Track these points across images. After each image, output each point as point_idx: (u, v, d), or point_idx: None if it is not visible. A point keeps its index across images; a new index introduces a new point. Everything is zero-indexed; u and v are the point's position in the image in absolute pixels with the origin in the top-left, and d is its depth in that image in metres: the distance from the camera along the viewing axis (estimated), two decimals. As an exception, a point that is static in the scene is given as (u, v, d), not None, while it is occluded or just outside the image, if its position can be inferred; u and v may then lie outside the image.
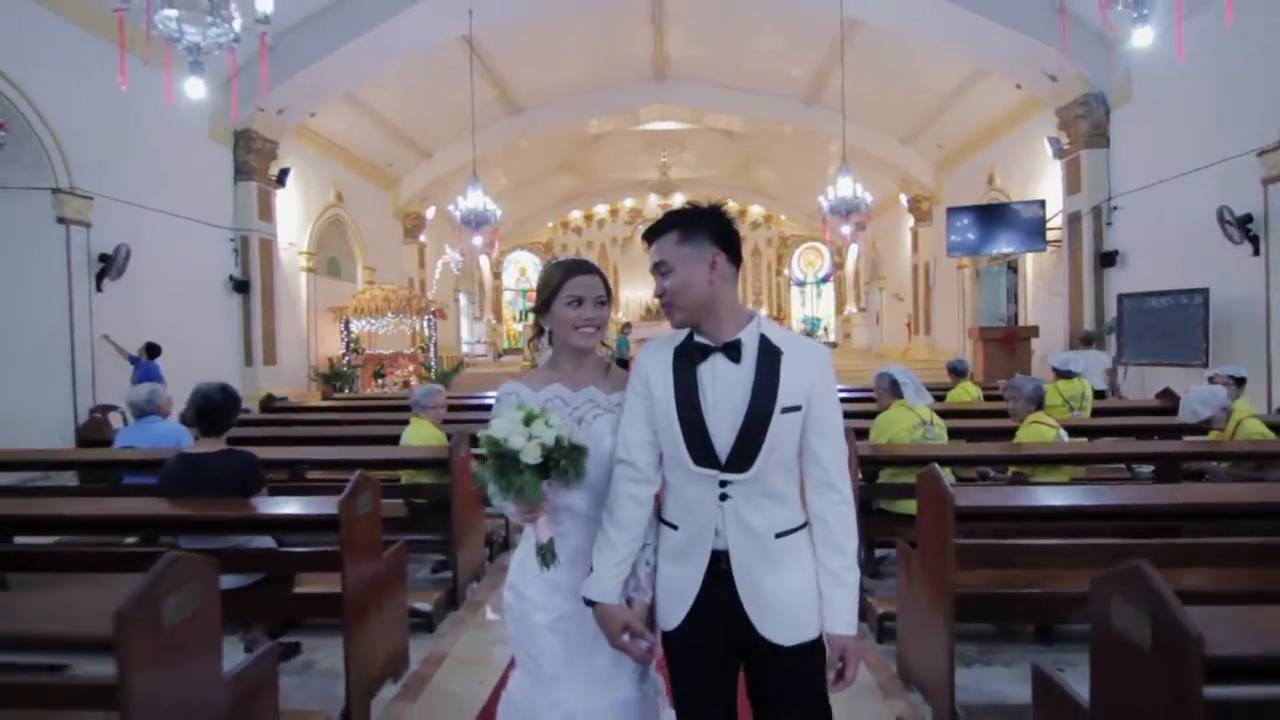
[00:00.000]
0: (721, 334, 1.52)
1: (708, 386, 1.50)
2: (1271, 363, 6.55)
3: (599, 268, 1.72)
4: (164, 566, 1.41)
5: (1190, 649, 1.23)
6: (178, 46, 4.28)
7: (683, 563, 1.53)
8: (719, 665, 1.56)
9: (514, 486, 1.46)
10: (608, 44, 12.46)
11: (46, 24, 6.73)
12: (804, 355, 1.52)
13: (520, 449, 1.44)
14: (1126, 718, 1.48)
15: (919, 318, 15.39)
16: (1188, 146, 7.54)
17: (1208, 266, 7.20)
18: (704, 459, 1.49)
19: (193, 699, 1.52)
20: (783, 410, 1.48)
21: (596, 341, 1.71)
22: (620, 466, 1.56)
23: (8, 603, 1.75)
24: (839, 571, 1.50)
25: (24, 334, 6.69)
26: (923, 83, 11.63)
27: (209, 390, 2.58)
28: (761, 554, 1.49)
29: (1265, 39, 6.52)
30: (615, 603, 1.53)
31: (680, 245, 1.52)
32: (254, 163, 9.64)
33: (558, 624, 1.62)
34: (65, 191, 6.87)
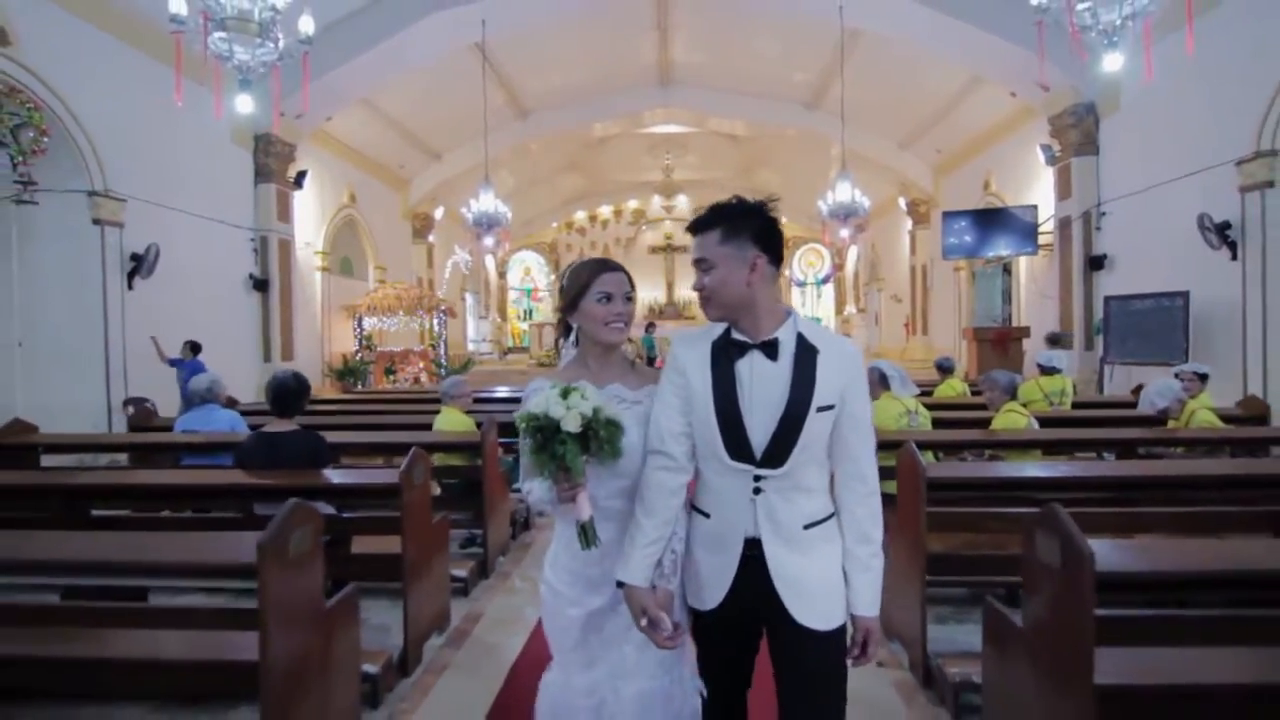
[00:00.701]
0: (759, 332, 1.55)
1: (745, 383, 1.53)
2: (1247, 362, 6.89)
3: (624, 266, 1.77)
4: (289, 511, 1.76)
5: (1085, 565, 1.58)
6: (228, 65, 4.62)
7: (717, 550, 1.58)
8: (745, 643, 1.64)
9: (556, 457, 1.51)
10: (614, 50, 12.79)
11: (83, 34, 7.08)
12: (839, 355, 1.55)
13: (561, 417, 1.49)
14: (1047, 630, 1.81)
15: (916, 318, 15.73)
16: (1171, 155, 7.88)
17: (1189, 270, 7.54)
18: (740, 454, 1.52)
19: (306, 616, 1.87)
20: (818, 409, 1.51)
21: (625, 337, 1.74)
22: (653, 456, 1.60)
23: (158, 543, 2.10)
24: (865, 558, 1.56)
25: (62, 329, 7.03)
26: (921, 89, 11.97)
27: (284, 378, 2.92)
28: (790, 544, 1.53)
29: (1243, 56, 6.85)
30: (643, 585, 1.57)
31: (722, 244, 1.55)
32: (273, 165, 9.99)
33: (591, 618, 1.68)
34: (100, 194, 7.22)
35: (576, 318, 1.73)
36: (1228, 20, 7.04)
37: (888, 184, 15.94)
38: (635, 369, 1.77)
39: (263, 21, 4.46)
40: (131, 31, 7.60)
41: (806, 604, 1.53)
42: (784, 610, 1.52)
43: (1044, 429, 3.66)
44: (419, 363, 12.89)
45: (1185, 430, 3.72)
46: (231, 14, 4.30)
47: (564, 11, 10.53)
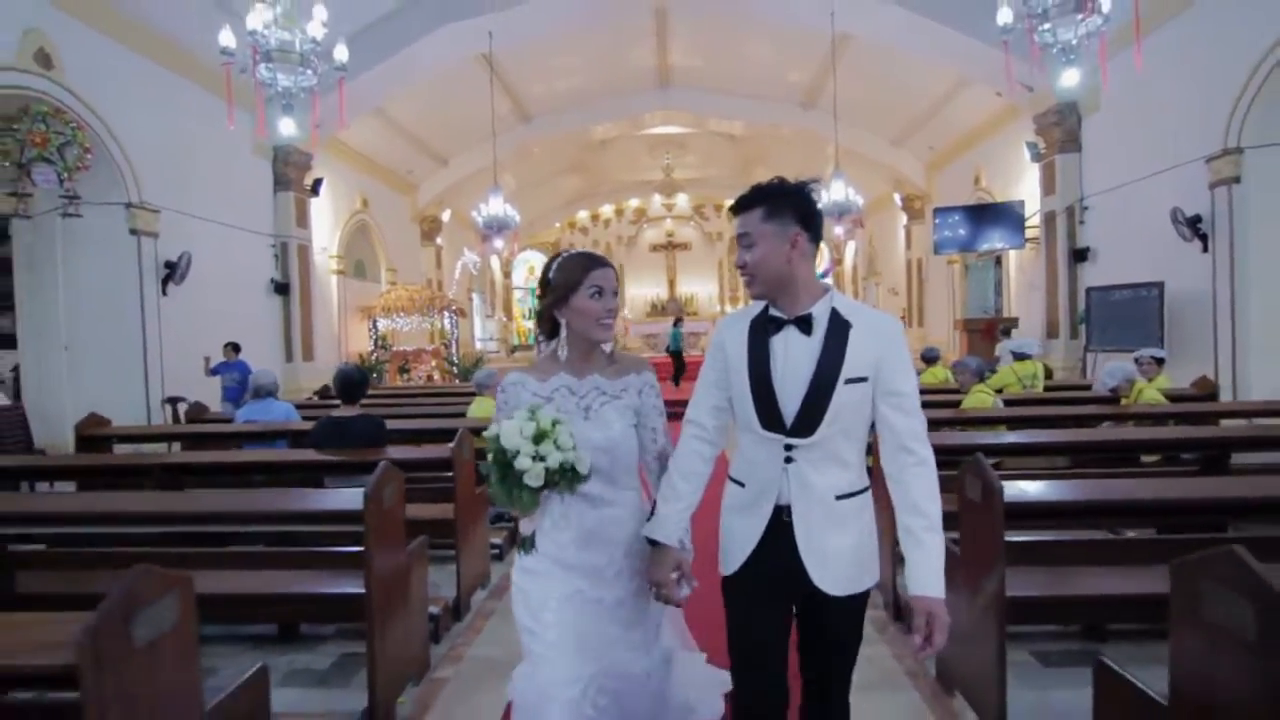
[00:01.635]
0: (796, 308, 1.61)
1: (779, 356, 1.59)
2: (1218, 348, 7.31)
3: (610, 261, 1.80)
4: (382, 471, 2.14)
5: (997, 498, 2.02)
6: (271, 91, 5.07)
7: (748, 515, 1.63)
8: (772, 608, 1.66)
9: (513, 498, 1.57)
10: (614, 55, 13.21)
11: (118, 57, 7.51)
12: (873, 328, 1.59)
13: (525, 470, 1.52)
14: (972, 554, 2.25)
15: (912, 310, 16.15)
16: (1148, 152, 8.30)
17: (1164, 262, 7.97)
18: (771, 424, 1.58)
19: (393, 556, 2.28)
20: (846, 381, 1.54)
21: (613, 333, 1.78)
22: (689, 425, 1.69)
23: (268, 498, 2.56)
24: (918, 531, 1.55)
25: (103, 333, 7.48)
26: (912, 89, 12.37)
27: (349, 370, 3.39)
28: (823, 513, 1.58)
29: (1212, 58, 7.24)
30: (674, 545, 1.64)
31: (765, 221, 1.60)
32: (291, 174, 10.43)
33: (571, 599, 1.70)
34: (136, 206, 7.67)
35: (566, 313, 1.72)
36: (1198, 24, 7.45)
37: (883, 180, 16.36)
38: (615, 360, 1.80)
39: (303, 53, 4.91)
40: (163, 52, 8.06)
41: (828, 570, 1.57)
42: (804, 575, 1.58)
43: (1006, 407, 4.10)
44: (431, 361, 13.35)
45: (1134, 406, 4.17)
46: (276, 46, 4.76)
47: (567, 22, 10.94)
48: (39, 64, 6.63)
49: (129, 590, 1.41)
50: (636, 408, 1.76)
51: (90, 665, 1.29)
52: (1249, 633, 1.29)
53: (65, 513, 2.45)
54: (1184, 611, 1.49)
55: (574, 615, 1.68)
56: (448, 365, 13.06)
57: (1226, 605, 1.35)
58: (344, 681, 2.71)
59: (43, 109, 6.54)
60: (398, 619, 2.36)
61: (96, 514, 2.40)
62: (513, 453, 1.52)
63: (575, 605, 1.69)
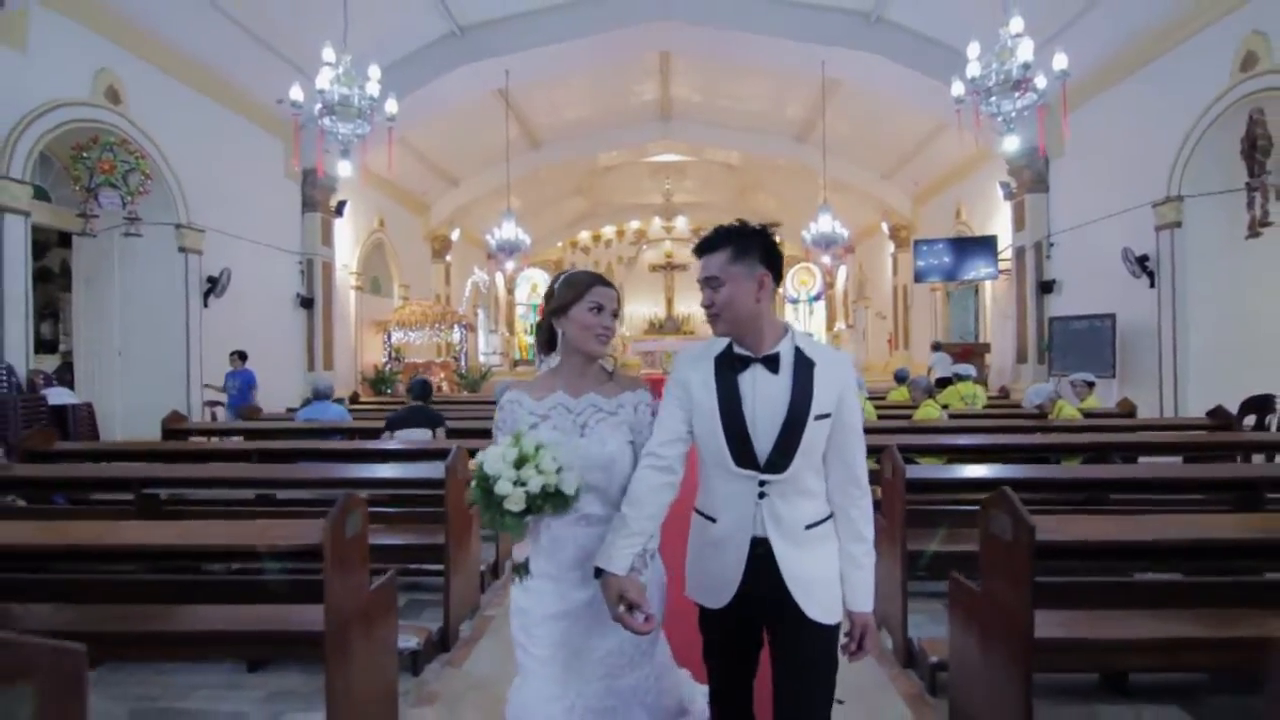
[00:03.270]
0: (762, 346, 1.64)
1: (748, 395, 1.62)
2: (1162, 374, 8.10)
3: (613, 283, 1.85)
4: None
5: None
6: (333, 139, 5.86)
7: (724, 551, 1.66)
8: (749, 637, 1.72)
9: (498, 523, 1.59)
10: (619, 89, 14.09)
11: (171, 90, 8.31)
12: (833, 367, 1.65)
13: (506, 495, 1.53)
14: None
15: (899, 334, 16.96)
16: (1105, 195, 9.13)
17: (1117, 295, 8.77)
18: (745, 461, 1.61)
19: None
20: (815, 417, 1.60)
21: (607, 350, 1.82)
22: (646, 456, 1.68)
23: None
24: (859, 556, 1.68)
25: (152, 341, 8.20)
26: (898, 128, 13.25)
27: (424, 379, 4.35)
28: (794, 543, 1.63)
29: (1159, 113, 8.08)
30: (621, 574, 1.60)
31: (732, 263, 1.64)
32: (318, 197, 11.21)
33: (563, 616, 1.72)
34: (185, 226, 8.43)
35: (564, 323, 1.77)
36: (1149, 83, 8.31)
37: (872, 210, 17.24)
38: (613, 378, 1.84)
39: (360, 107, 5.69)
40: (211, 87, 8.88)
41: (813, 598, 1.63)
42: (793, 604, 1.62)
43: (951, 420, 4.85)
44: (440, 373, 14.07)
45: (1055, 421, 4.92)
46: (339, 101, 5.56)
47: (578, 61, 11.79)
48: (108, 99, 7.42)
49: (344, 504, 2.28)
50: (632, 424, 1.77)
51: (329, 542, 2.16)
52: (1009, 537, 1.70)
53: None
54: (984, 532, 2.22)
55: (566, 632, 1.72)
56: (457, 377, 13.77)
57: (1002, 525, 1.82)
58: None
59: (110, 139, 7.31)
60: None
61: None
62: (494, 478, 1.55)
63: (569, 622, 1.72)
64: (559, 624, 1.72)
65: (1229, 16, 7.12)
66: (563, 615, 1.73)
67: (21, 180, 6.43)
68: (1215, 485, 3.55)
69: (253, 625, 2.46)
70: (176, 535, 2.54)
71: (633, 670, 1.76)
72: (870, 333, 19.67)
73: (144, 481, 3.34)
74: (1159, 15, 7.87)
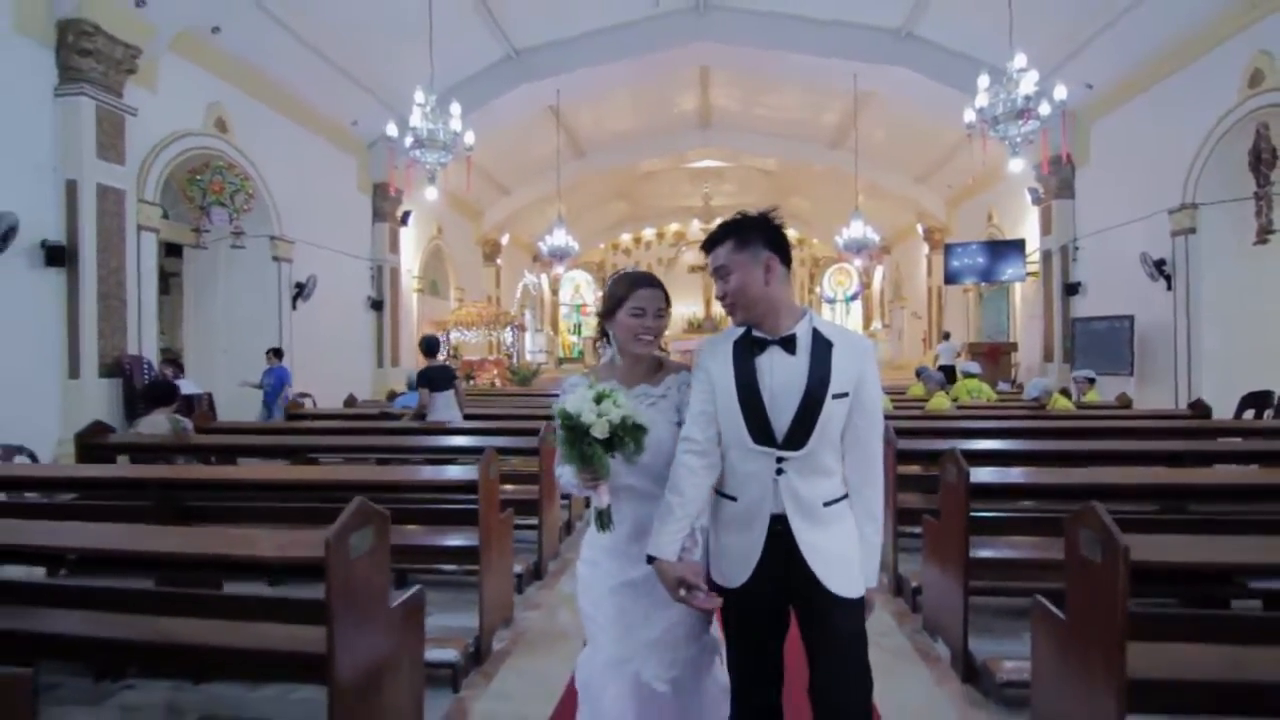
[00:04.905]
0: (779, 328, 1.68)
1: (766, 375, 1.66)
2: (1178, 373, 8.54)
3: (661, 281, 1.90)
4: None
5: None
6: (421, 167, 6.80)
7: (744, 530, 1.70)
8: (773, 615, 1.74)
9: (583, 456, 1.66)
10: (661, 100, 14.85)
11: (267, 118, 9.38)
12: (852, 347, 1.68)
13: (591, 424, 1.62)
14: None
15: (933, 332, 17.37)
16: (1126, 202, 9.57)
17: (1136, 297, 9.22)
18: (763, 438, 1.65)
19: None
20: (833, 396, 1.64)
21: (654, 349, 1.88)
22: (684, 442, 1.74)
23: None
24: (869, 536, 1.73)
25: (251, 340, 9.26)
26: (930, 135, 13.71)
27: (432, 336, 5.31)
28: (814, 520, 1.67)
29: (1175, 125, 8.51)
30: (672, 559, 1.67)
31: (737, 252, 1.68)
32: (386, 208, 12.25)
33: (622, 588, 1.82)
34: (278, 238, 9.49)
35: (612, 326, 1.88)
36: (1166, 95, 8.74)
37: (907, 212, 17.68)
38: (663, 367, 1.93)
39: (445, 141, 6.60)
40: (299, 113, 9.94)
41: (835, 573, 1.67)
42: (814, 579, 1.65)
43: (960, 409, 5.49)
44: (494, 369, 15.06)
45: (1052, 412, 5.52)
46: (426, 136, 6.48)
47: (624, 78, 12.60)
48: (217, 129, 8.49)
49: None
50: (678, 404, 1.86)
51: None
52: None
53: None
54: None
55: (627, 604, 1.82)
56: (510, 373, 14.74)
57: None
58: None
59: (220, 164, 8.37)
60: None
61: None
62: (577, 414, 1.65)
63: (628, 595, 1.82)
64: (619, 596, 1.83)
65: (1238, 36, 7.56)
66: (622, 588, 1.83)
67: (152, 202, 7.50)
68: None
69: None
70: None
71: (693, 641, 1.85)
72: (906, 332, 20.08)
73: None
74: (1174, 34, 8.31)
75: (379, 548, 2.27)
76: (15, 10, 6.07)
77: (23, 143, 6.18)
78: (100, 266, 6.61)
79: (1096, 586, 2.05)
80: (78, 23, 6.35)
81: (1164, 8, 8.04)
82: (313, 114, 10.27)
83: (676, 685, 1.82)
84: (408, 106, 10.95)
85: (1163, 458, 3.87)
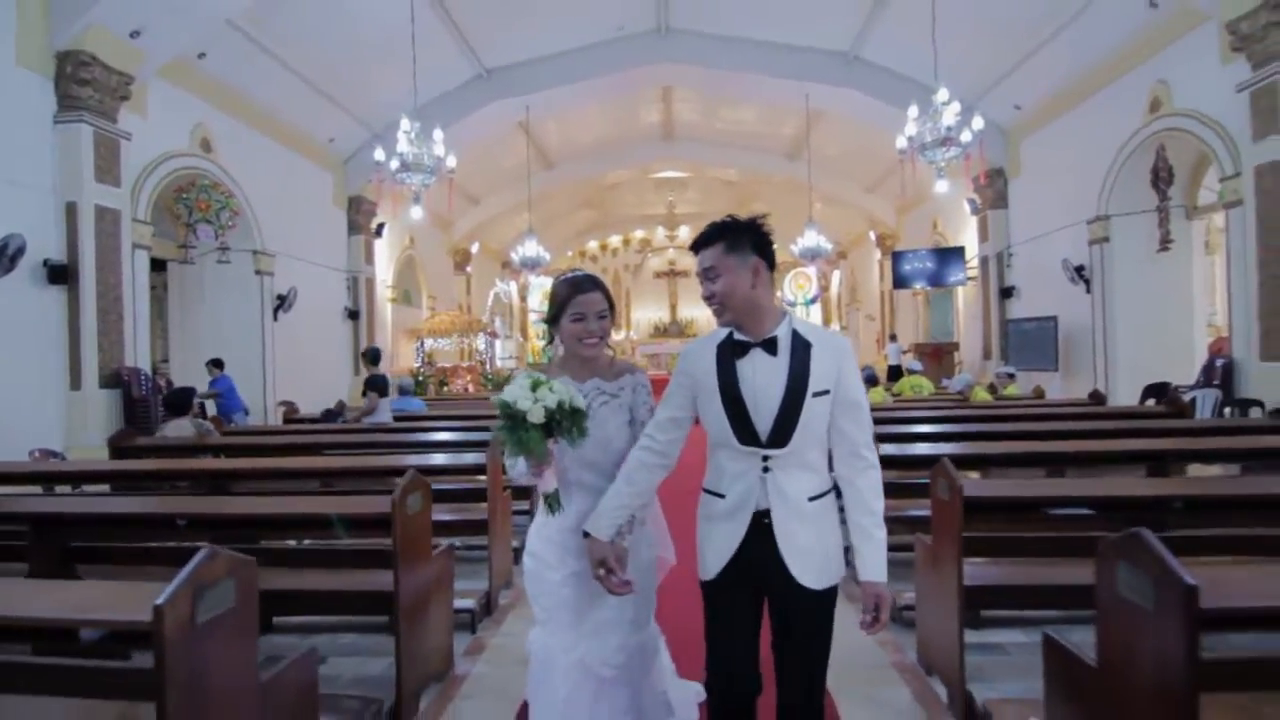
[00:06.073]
0: (761, 331, 1.74)
1: (748, 377, 1.72)
2: (1095, 367, 9.46)
3: (601, 282, 1.95)
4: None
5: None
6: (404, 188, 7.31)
7: (728, 522, 1.76)
8: (746, 605, 1.79)
9: (522, 443, 1.72)
10: (627, 113, 15.48)
11: (249, 138, 9.76)
12: (830, 346, 1.75)
13: (527, 410, 1.69)
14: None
15: (885, 333, 18.31)
16: (1051, 212, 10.51)
17: (1060, 300, 10.14)
18: (748, 438, 1.71)
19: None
20: (813, 394, 1.70)
21: (600, 351, 1.94)
22: (644, 438, 1.83)
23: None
24: (869, 528, 1.75)
25: (235, 350, 9.61)
26: (878, 148, 14.54)
27: (376, 347, 5.73)
28: (797, 515, 1.73)
29: (1092, 143, 9.44)
30: (604, 539, 1.77)
31: (727, 254, 1.73)
32: (361, 221, 12.66)
33: (569, 579, 1.90)
34: (260, 252, 9.87)
35: (558, 331, 1.96)
36: (1087, 116, 9.67)
37: (860, 220, 18.62)
38: (612, 367, 2.00)
39: (429, 166, 7.13)
40: (278, 132, 10.33)
41: (808, 567, 1.72)
42: (785, 571, 1.71)
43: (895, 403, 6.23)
44: (466, 376, 15.51)
45: (971, 405, 6.30)
46: (412, 161, 7.01)
47: (592, 97, 13.22)
48: (202, 149, 8.87)
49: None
50: (630, 404, 1.96)
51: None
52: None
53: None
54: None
55: (572, 593, 1.91)
56: (483, 379, 15.22)
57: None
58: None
59: (206, 182, 8.75)
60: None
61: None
62: (513, 401, 1.71)
63: (573, 585, 1.91)
64: (565, 587, 1.91)
65: (1140, 67, 8.51)
66: (568, 579, 1.91)
67: (145, 221, 7.87)
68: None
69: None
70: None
71: (638, 629, 1.94)
72: (861, 333, 21.03)
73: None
74: (1088, 62, 9.25)
75: (425, 510, 2.85)
76: (17, 44, 6.44)
77: (25, 168, 6.54)
78: (99, 283, 6.98)
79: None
80: (76, 54, 6.74)
81: (1079, 39, 8.95)
82: (292, 132, 10.66)
83: (623, 671, 1.90)
84: (382, 123, 11.57)
85: (1057, 435, 4.64)
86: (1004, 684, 2.64)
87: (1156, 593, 1.59)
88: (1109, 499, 2.84)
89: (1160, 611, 1.58)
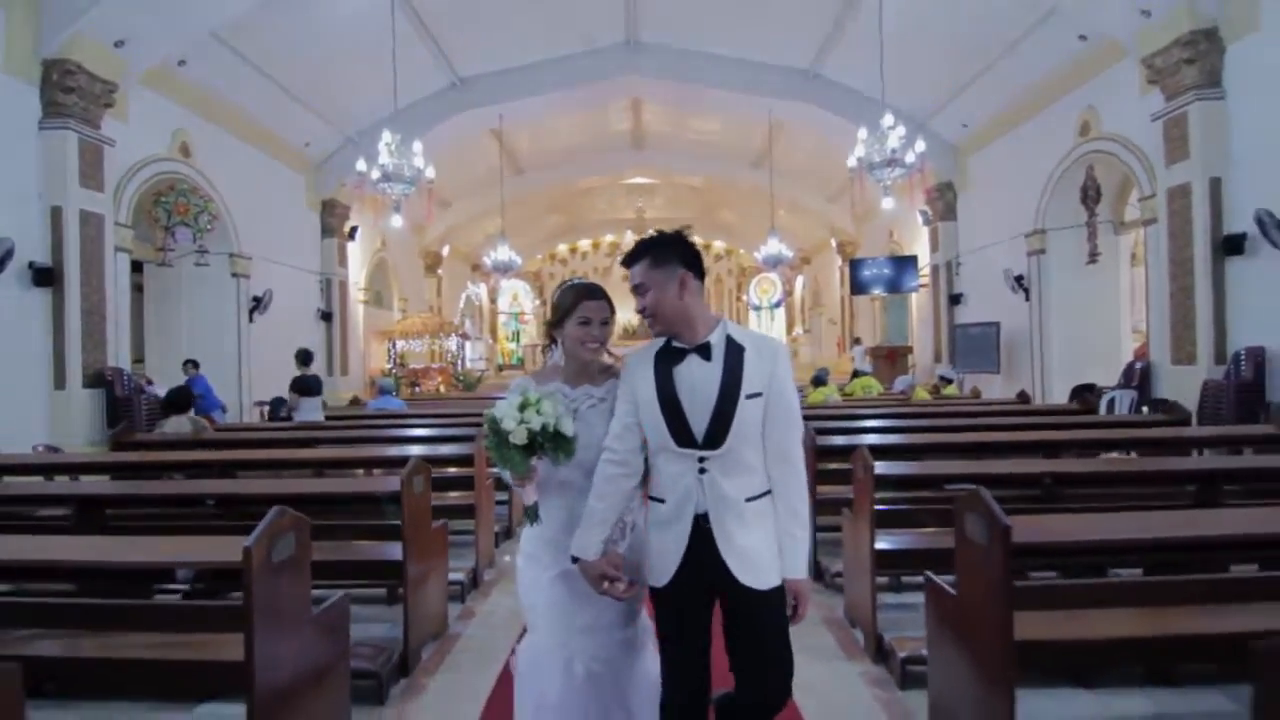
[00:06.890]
0: (695, 338, 1.81)
1: (685, 381, 1.79)
2: (1033, 369, 10.18)
3: (606, 293, 2.01)
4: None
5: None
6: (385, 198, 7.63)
7: (671, 527, 1.82)
8: (699, 610, 1.84)
9: (505, 459, 1.81)
10: (597, 122, 15.89)
11: (226, 142, 9.96)
12: (763, 349, 1.82)
13: (510, 431, 1.76)
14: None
15: (845, 337, 19.03)
16: (995, 225, 11.23)
17: (1003, 307, 10.86)
18: (685, 440, 1.78)
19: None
20: (746, 396, 1.76)
21: (600, 355, 2.01)
22: (605, 452, 1.87)
23: None
24: (792, 528, 1.83)
25: (212, 351, 9.80)
26: (836, 160, 15.20)
27: (305, 349, 6.12)
28: (736, 516, 1.78)
29: (1030, 161, 10.15)
30: (594, 559, 1.82)
31: (652, 269, 1.81)
32: (334, 224, 12.87)
33: (559, 578, 1.94)
34: (237, 255, 10.07)
35: (560, 334, 2.00)
36: (1027, 135, 10.37)
37: (822, 227, 19.31)
38: (602, 372, 2.03)
39: (410, 177, 7.47)
40: (255, 136, 10.54)
41: (748, 567, 1.77)
42: (729, 574, 1.76)
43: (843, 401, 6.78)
44: (438, 377, 15.77)
45: (911, 404, 6.89)
46: (393, 171, 7.34)
47: (563, 107, 13.62)
48: (181, 154, 9.07)
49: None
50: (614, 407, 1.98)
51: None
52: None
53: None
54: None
55: (563, 593, 1.93)
56: (455, 380, 15.49)
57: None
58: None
59: (185, 186, 8.96)
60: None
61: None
62: (501, 419, 1.76)
63: (563, 584, 1.93)
64: (556, 587, 1.94)
65: (1072, 92, 9.23)
66: (559, 578, 1.94)
67: (126, 225, 8.06)
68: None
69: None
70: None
71: (625, 625, 1.98)
72: (824, 336, 21.76)
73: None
74: (1027, 85, 9.95)
75: (426, 491, 3.40)
76: (5, 52, 6.63)
77: (11, 173, 6.72)
78: (84, 285, 7.18)
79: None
80: (61, 62, 6.94)
81: (1019, 65, 9.65)
82: (268, 136, 10.87)
83: (610, 666, 1.95)
84: (355, 128, 11.82)
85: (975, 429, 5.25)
86: (913, 631, 3.06)
87: (988, 533, 2.13)
88: (994, 475, 3.43)
89: (989, 548, 2.13)
